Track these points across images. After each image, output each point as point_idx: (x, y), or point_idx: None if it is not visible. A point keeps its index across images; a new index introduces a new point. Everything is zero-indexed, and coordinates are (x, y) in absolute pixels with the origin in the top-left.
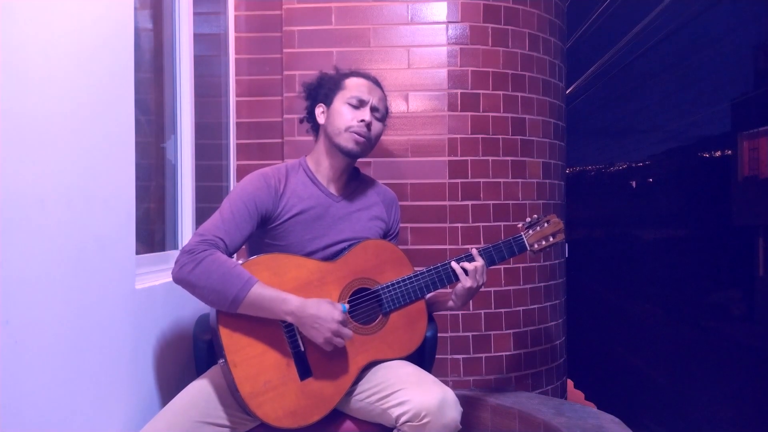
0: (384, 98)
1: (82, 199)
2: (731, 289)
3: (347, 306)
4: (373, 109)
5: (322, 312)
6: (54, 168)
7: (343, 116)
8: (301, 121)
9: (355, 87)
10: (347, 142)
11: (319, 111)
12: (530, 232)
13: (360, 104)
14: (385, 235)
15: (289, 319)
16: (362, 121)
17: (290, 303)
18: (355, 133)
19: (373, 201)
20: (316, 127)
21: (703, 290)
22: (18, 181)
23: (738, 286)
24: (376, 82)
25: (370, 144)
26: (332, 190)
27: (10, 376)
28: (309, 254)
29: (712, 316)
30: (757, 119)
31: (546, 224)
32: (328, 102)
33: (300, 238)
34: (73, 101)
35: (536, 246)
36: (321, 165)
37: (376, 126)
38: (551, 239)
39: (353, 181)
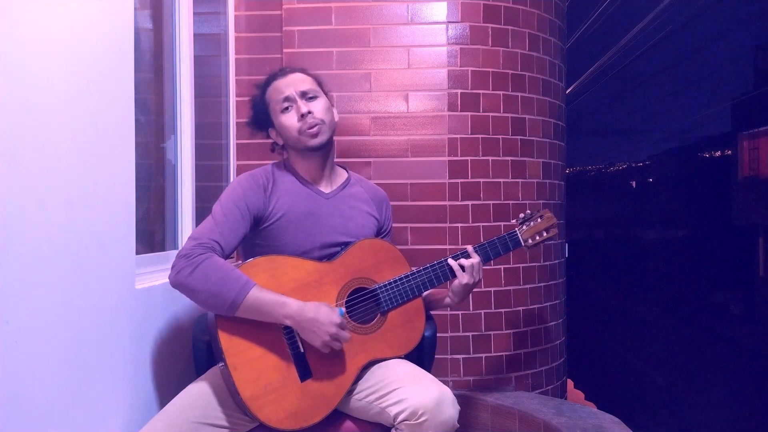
0: (305, 76)
1: (82, 199)
2: (731, 289)
3: (344, 310)
4: (303, 95)
5: (321, 316)
6: (54, 168)
7: (287, 125)
8: (272, 150)
9: (274, 94)
10: (306, 140)
11: (274, 134)
12: (524, 227)
13: (289, 103)
14: (378, 232)
15: (288, 322)
16: (302, 117)
17: (289, 307)
18: (306, 130)
19: (364, 198)
20: (282, 146)
21: (703, 290)
22: (18, 181)
23: (738, 286)
24: (286, 71)
25: (326, 124)
26: (320, 187)
27: (10, 376)
28: (304, 254)
29: (712, 316)
30: (757, 119)
31: (540, 219)
32: (271, 123)
33: (294, 238)
34: (73, 101)
35: (530, 241)
36: (301, 167)
37: (317, 105)
38: (545, 234)
39: (341, 178)
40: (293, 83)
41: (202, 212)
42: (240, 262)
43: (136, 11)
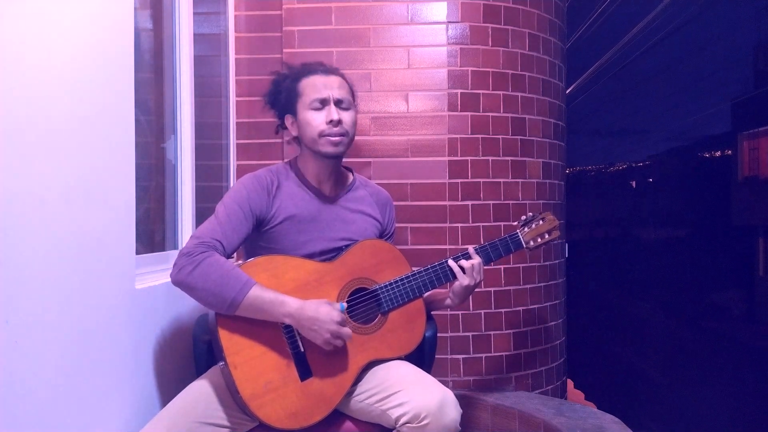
0: (343, 82)
1: (82, 199)
2: (731, 289)
3: (345, 305)
4: (337, 102)
5: (321, 314)
6: (54, 168)
7: (312, 124)
8: (276, 131)
9: (310, 89)
10: (325, 147)
11: (290, 122)
12: (526, 229)
13: (322, 104)
14: (381, 236)
15: (288, 321)
16: (330, 122)
17: (289, 305)
18: (329, 136)
19: (367, 202)
20: (296, 137)
21: (703, 290)
22: (18, 181)
23: (738, 286)
24: (329, 71)
25: (348, 137)
26: (324, 191)
27: (10, 376)
28: (305, 257)
29: (712, 316)
30: (757, 119)
31: (541, 221)
32: (293, 112)
33: (295, 241)
34: (73, 101)
35: (532, 243)
36: (309, 168)
37: (347, 117)
38: (546, 236)
39: (346, 181)
40: (332, 86)
41: (202, 212)
42: (241, 261)
43: (136, 11)
